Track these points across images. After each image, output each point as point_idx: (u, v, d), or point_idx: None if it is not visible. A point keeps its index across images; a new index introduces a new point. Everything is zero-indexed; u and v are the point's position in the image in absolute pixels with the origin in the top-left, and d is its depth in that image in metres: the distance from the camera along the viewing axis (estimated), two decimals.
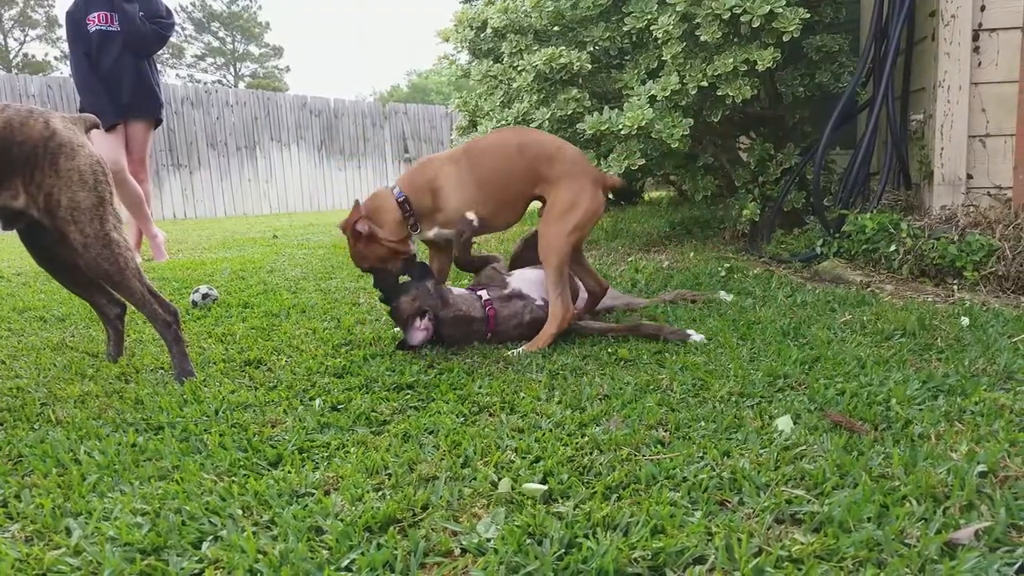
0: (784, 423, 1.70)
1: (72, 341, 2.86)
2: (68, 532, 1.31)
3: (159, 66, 5.68)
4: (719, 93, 3.82)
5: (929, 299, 3.03)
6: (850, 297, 3.05)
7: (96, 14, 5.09)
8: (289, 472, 1.54)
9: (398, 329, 2.65)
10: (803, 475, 1.43)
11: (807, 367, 2.15)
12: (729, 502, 1.35)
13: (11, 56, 33.56)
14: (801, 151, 4.34)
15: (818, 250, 3.83)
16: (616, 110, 3.87)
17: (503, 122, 4.39)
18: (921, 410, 1.76)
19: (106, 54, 5.12)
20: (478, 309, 2.60)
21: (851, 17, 4.62)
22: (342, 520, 1.31)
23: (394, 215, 2.61)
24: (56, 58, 34.96)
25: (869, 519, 1.25)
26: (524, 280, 2.77)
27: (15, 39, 34.04)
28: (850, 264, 3.65)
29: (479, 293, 2.66)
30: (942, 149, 3.65)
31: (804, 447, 1.57)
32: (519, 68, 4.27)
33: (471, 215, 2.56)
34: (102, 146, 5.04)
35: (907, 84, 4.02)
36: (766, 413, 1.79)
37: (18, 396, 2.15)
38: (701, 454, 1.55)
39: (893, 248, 3.43)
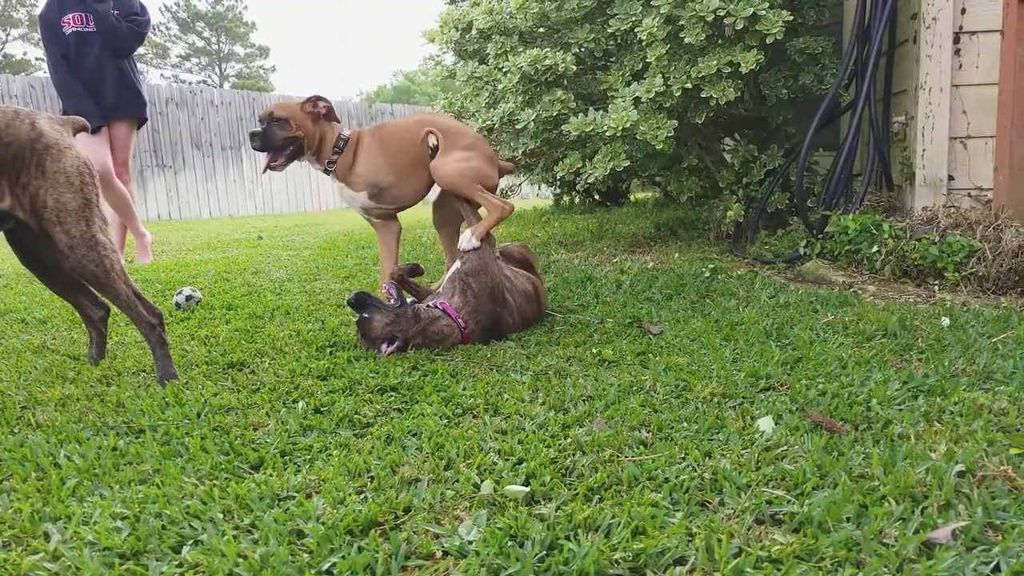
0: (766, 424, 1.71)
1: (53, 344, 2.83)
2: (47, 537, 1.30)
3: (142, 65, 5.62)
4: (703, 95, 3.84)
5: (910, 300, 3.06)
6: (833, 298, 3.07)
7: (71, 15, 5.02)
8: (271, 475, 1.53)
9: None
10: (784, 475, 1.44)
11: (789, 368, 2.17)
12: (710, 503, 1.36)
13: None
14: (785, 152, 4.37)
15: (801, 251, 3.85)
16: (601, 111, 3.88)
17: (488, 122, 4.39)
18: (901, 410, 1.78)
19: (85, 56, 5.06)
20: (438, 313, 2.62)
21: (834, 19, 4.66)
22: (323, 523, 1.30)
23: (329, 142, 3.21)
24: (37, 58, 34.51)
25: (848, 519, 1.26)
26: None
27: None
28: (833, 265, 3.67)
29: (435, 303, 2.69)
30: (924, 151, 3.68)
31: (785, 447, 1.58)
32: (504, 69, 4.27)
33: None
34: (87, 149, 4.98)
35: (889, 86, 4.05)
36: (748, 414, 1.80)
37: None
38: (683, 455, 1.56)
39: (875, 249, 3.45)
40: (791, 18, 3.66)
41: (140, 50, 5.50)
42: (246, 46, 41.36)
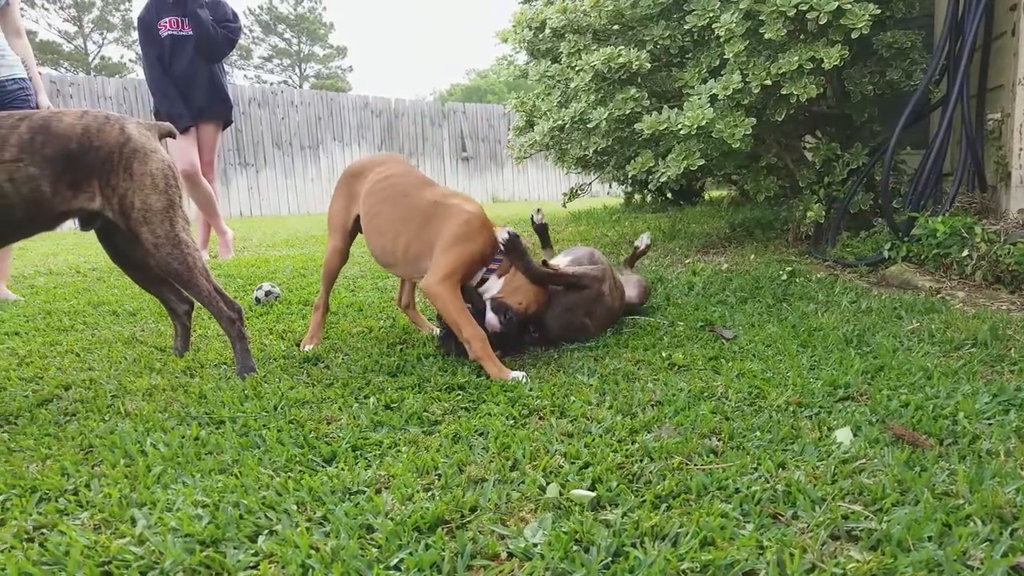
0: (843, 435, 1.65)
1: (142, 335, 2.97)
2: (133, 522, 1.36)
3: (226, 67, 5.85)
4: (783, 92, 3.73)
5: (1003, 307, 2.90)
6: (918, 304, 2.94)
7: (167, 19, 5.27)
8: (342, 469, 1.57)
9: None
10: (861, 490, 1.39)
11: (870, 377, 2.09)
12: (782, 516, 1.32)
13: (90, 59, 34.99)
14: (869, 151, 4.20)
15: (885, 254, 3.70)
16: (676, 109, 3.81)
17: (560, 122, 4.38)
18: (990, 425, 1.69)
19: (179, 58, 5.30)
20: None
21: (924, 12, 4.46)
22: (392, 519, 1.33)
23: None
24: (132, 60, 36.27)
25: (930, 538, 1.21)
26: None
27: (94, 42, 35.46)
28: (919, 269, 3.52)
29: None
30: (1021, 149, 3.49)
31: (864, 461, 1.52)
32: (577, 68, 4.25)
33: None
34: (176, 148, 5.24)
35: (983, 81, 3.85)
36: (825, 424, 1.74)
37: (91, 388, 2.25)
38: (755, 465, 1.52)
39: (966, 253, 3.29)
40: (878, 11, 3.51)
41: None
42: (325, 47, 42.40)
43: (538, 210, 3.02)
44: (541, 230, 3.11)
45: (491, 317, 2.41)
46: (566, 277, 2.62)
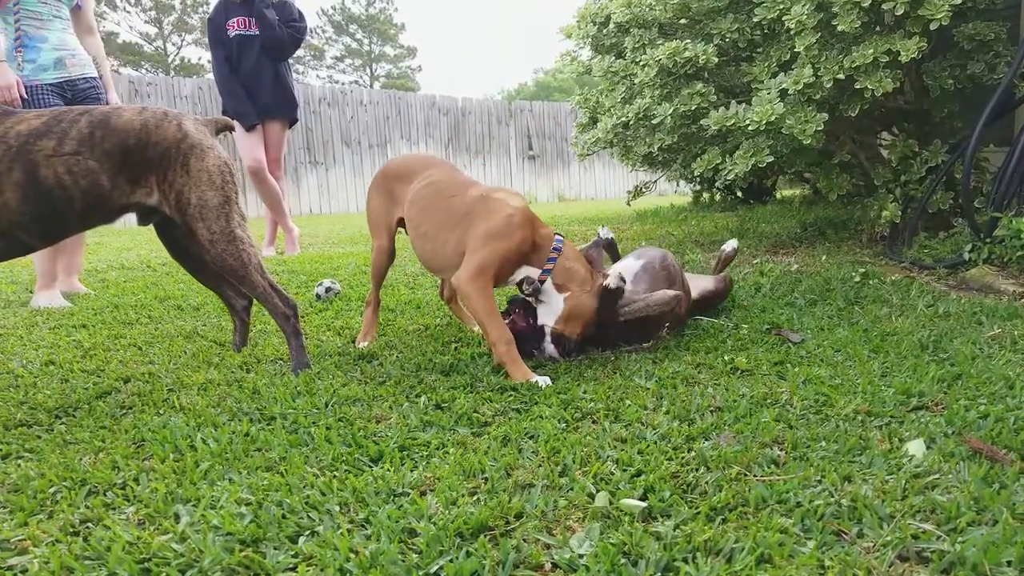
0: (916, 447, 1.55)
1: (203, 330, 3.03)
2: (176, 518, 1.37)
3: (300, 67, 5.95)
4: (857, 86, 3.57)
5: None
6: (1000, 309, 2.76)
7: (235, 19, 5.40)
8: (388, 470, 1.54)
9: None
10: (934, 507, 1.29)
11: (946, 386, 1.96)
12: (847, 533, 1.23)
13: (169, 60, 36.29)
14: (949, 148, 3.99)
15: (966, 256, 3.50)
16: (744, 104, 3.69)
17: (623, 118, 4.29)
18: None
19: (246, 58, 5.42)
20: None
21: (1009, 2, 4.20)
22: (435, 523, 1.29)
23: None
24: (209, 61, 37.31)
25: (1009, 563, 1.11)
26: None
27: (173, 44, 36.75)
28: (1002, 272, 3.31)
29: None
30: None
31: (937, 476, 1.42)
32: (642, 63, 4.16)
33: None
34: (243, 145, 5.36)
35: None
36: (896, 435, 1.64)
37: (149, 381, 2.29)
38: (819, 477, 1.43)
39: None
40: (959, 2, 3.32)
41: (297, 52, 5.83)
42: (395, 47, 42.95)
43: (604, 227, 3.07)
44: (609, 245, 3.15)
45: (551, 349, 2.39)
46: (649, 316, 2.46)
